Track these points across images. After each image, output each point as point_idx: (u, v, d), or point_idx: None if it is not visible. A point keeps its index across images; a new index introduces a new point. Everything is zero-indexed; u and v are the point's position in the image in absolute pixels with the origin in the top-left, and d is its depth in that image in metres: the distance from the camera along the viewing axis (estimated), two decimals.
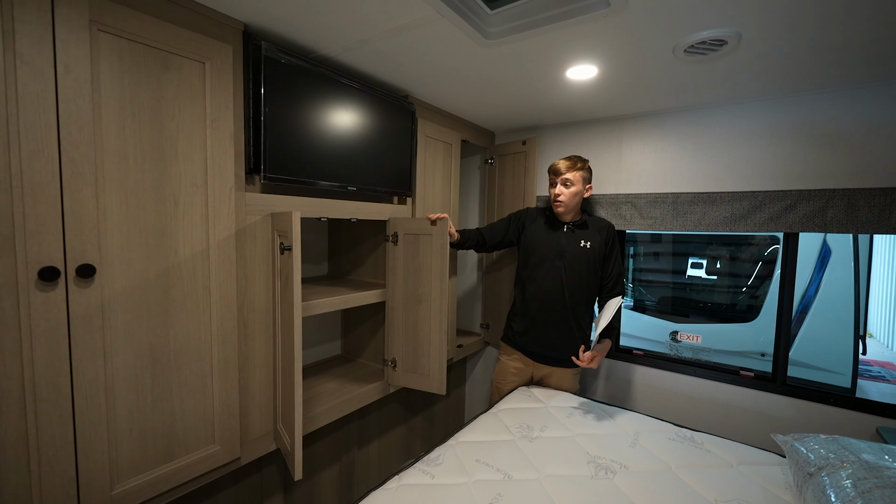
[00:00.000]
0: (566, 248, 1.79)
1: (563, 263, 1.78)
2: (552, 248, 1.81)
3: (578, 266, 1.78)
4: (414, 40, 1.29)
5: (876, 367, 4.64)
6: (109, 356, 0.97)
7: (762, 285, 3.59)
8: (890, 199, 1.46)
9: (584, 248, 1.79)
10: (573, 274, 1.78)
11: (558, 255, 1.79)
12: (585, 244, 1.79)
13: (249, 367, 1.28)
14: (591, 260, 1.78)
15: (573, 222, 1.83)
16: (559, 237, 1.81)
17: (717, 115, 1.81)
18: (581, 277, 1.78)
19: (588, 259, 1.78)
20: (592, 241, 1.79)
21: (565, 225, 1.83)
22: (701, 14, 1.09)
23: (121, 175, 0.96)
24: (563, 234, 1.81)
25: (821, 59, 1.33)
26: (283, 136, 1.28)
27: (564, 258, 1.78)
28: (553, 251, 1.80)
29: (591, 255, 1.78)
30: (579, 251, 1.79)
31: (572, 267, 1.78)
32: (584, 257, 1.78)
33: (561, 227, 1.83)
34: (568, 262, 1.78)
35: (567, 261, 1.78)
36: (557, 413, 1.60)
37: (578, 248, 1.79)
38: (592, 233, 1.82)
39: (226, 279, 1.18)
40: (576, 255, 1.78)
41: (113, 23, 0.93)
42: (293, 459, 1.18)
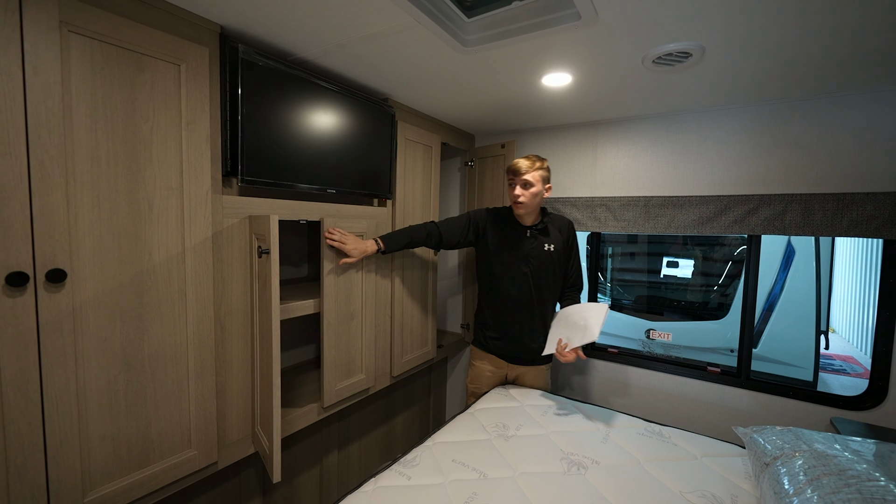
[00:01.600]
0: (531, 253, 1.78)
1: (529, 269, 1.78)
2: (517, 254, 1.78)
3: (544, 270, 1.79)
4: (392, 46, 1.30)
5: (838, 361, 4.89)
6: (81, 362, 0.95)
7: (732, 284, 3.74)
8: (842, 203, 1.56)
9: (548, 251, 1.79)
10: (540, 278, 1.79)
11: (524, 262, 1.78)
12: (549, 247, 1.80)
13: (227, 370, 1.28)
14: (555, 262, 1.81)
15: (535, 227, 1.80)
16: (523, 243, 1.78)
17: (685, 122, 1.89)
18: (548, 281, 1.81)
19: (553, 262, 1.80)
20: (556, 244, 1.81)
21: (528, 230, 1.80)
22: (667, 28, 1.14)
23: (93, 178, 0.95)
24: (526, 239, 1.79)
25: (777, 73, 1.41)
26: (261, 139, 1.28)
27: (531, 264, 1.78)
28: (518, 257, 1.78)
29: (556, 257, 1.81)
30: (544, 255, 1.79)
31: (539, 272, 1.79)
32: (548, 261, 1.79)
33: (523, 231, 1.80)
34: (534, 268, 1.78)
35: (533, 266, 1.78)
36: (533, 412, 1.64)
37: (543, 253, 1.79)
38: (554, 235, 1.82)
39: (202, 283, 1.17)
40: (541, 259, 1.79)
41: (84, 24, 0.92)
42: (272, 462, 1.19)
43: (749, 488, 1.20)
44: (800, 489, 0.99)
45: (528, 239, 1.79)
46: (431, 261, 2.16)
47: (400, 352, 1.97)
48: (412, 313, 2.05)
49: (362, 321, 1.73)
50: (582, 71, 1.45)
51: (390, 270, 1.88)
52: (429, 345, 2.19)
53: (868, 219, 1.52)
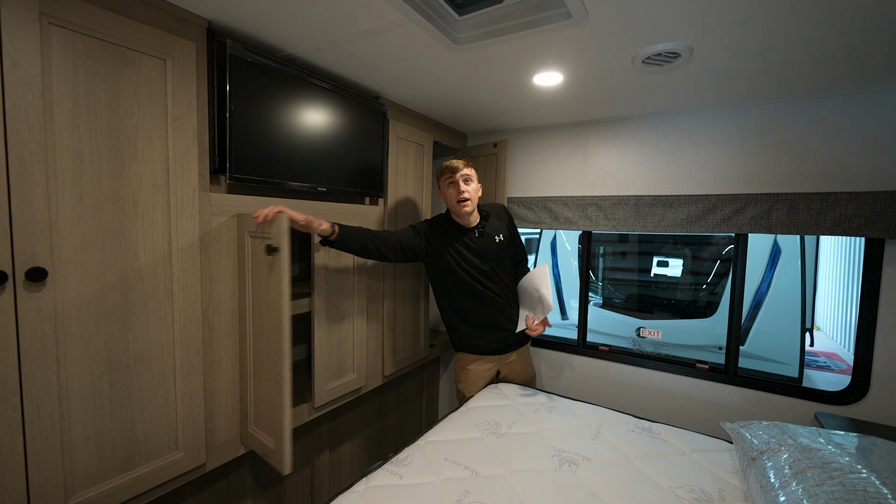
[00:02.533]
0: (486, 251, 1.77)
1: (490, 266, 1.78)
2: (475, 256, 1.75)
3: (501, 261, 1.82)
4: (383, 43, 1.30)
5: (822, 358, 4.99)
6: (63, 363, 0.93)
7: (720, 282, 3.80)
8: (825, 202, 1.59)
9: (499, 243, 1.82)
10: (499, 270, 1.82)
11: (483, 261, 1.77)
12: (499, 238, 1.82)
13: (215, 371, 1.26)
14: (506, 249, 1.86)
15: (480, 225, 1.79)
16: (476, 244, 1.76)
17: (674, 122, 1.91)
18: (505, 269, 1.85)
19: (506, 250, 1.85)
20: (502, 233, 1.85)
21: (475, 230, 1.77)
22: (656, 28, 1.15)
23: (75, 174, 0.93)
24: (476, 239, 1.77)
25: (763, 74, 1.43)
26: (249, 136, 1.26)
27: (489, 261, 1.78)
28: (477, 259, 1.76)
29: (506, 244, 1.85)
30: (497, 248, 1.81)
31: (498, 264, 1.81)
32: (502, 251, 1.83)
33: (472, 233, 1.76)
34: (494, 262, 1.80)
35: (492, 261, 1.79)
36: (525, 409, 1.65)
37: (496, 246, 1.81)
38: (497, 224, 1.85)
39: (189, 282, 1.15)
40: (496, 252, 1.80)
41: (65, 16, 0.89)
42: (282, 454, 1.16)
43: (736, 482, 1.21)
44: (785, 482, 1.00)
45: (479, 239, 1.78)
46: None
47: (392, 351, 1.96)
48: (404, 313, 2.04)
49: (354, 321, 1.72)
50: (573, 70, 1.46)
51: (382, 270, 1.87)
52: (421, 344, 2.18)
53: (850, 217, 1.55)
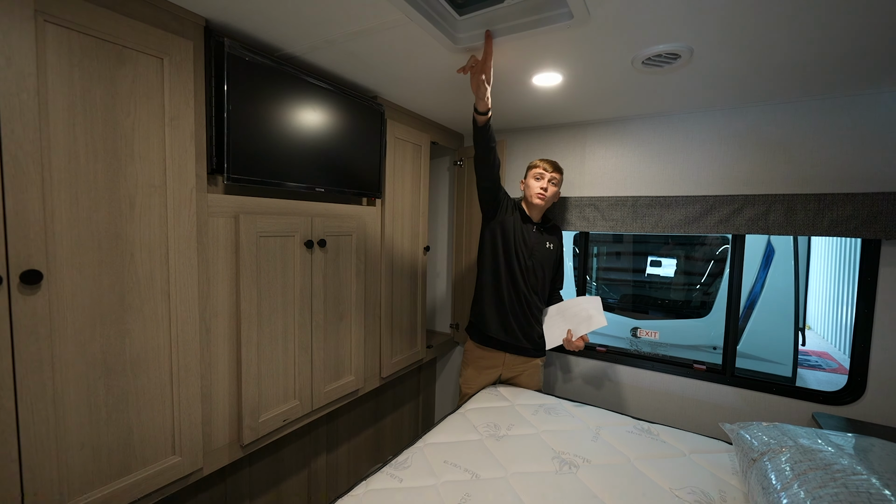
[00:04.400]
0: (535, 247, 1.86)
1: (532, 262, 1.85)
2: (524, 245, 1.84)
3: (543, 265, 1.89)
4: (383, 42, 1.29)
5: (814, 357, 5.05)
6: (59, 366, 0.91)
7: (714, 283, 3.82)
8: (822, 204, 1.60)
9: (548, 249, 1.91)
10: (539, 272, 1.87)
11: (529, 254, 1.85)
12: (549, 246, 1.91)
13: (212, 373, 1.24)
14: (551, 261, 1.93)
15: (541, 223, 1.92)
16: (531, 236, 1.86)
17: (672, 123, 1.91)
18: (544, 276, 1.90)
19: (550, 260, 1.92)
20: (554, 244, 1.94)
21: (535, 225, 1.89)
22: (657, 29, 1.15)
23: (70, 175, 0.91)
24: (533, 233, 1.87)
25: (763, 76, 1.44)
26: (247, 136, 1.24)
27: (534, 257, 1.86)
28: (525, 248, 1.84)
29: (553, 256, 1.93)
30: (545, 252, 1.89)
31: (539, 266, 1.87)
32: (548, 258, 1.90)
33: (532, 226, 1.88)
34: (537, 262, 1.86)
35: (536, 260, 1.86)
36: (524, 411, 1.64)
37: (545, 249, 1.89)
38: (554, 236, 1.96)
39: (186, 283, 1.13)
40: (543, 254, 1.88)
41: (61, 13, 0.88)
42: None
43: (737, 484, 1.22)
44: (787, 484, 1.01)
45: (535, 234, 1.88)
46: (421, 260, 2.14)
47: (389, 352, 1.95)
48: (401, 313, 2.03)
49: (351, 322, 1.71)
50: (572, 71, 1.46)
51: (380, 270, 1.86)
52: (418, 345, 2.18)
53: (847, 219, 1.56)
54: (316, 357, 1.54)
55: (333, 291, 1.61)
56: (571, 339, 1.80)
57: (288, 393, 1.46)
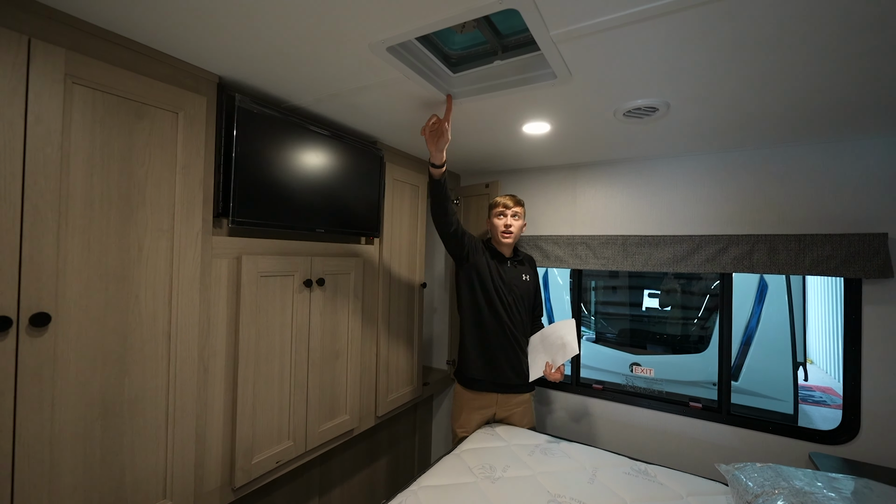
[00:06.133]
0: (513, 282, 1.90)
1: (512, 298, 1.88)
2: (501, 282, 1.87)
3: (523, 299, 1.92)
4: (382, 96, 1.39)
5: (818, 393, 4.97)
6: (58, 408, 0.93)
7: (711, 317, 3.84)
8: (802, 244, 1.66)
9: (525, 281, 1.95)
10: (520, 306, 1.90)
11: (507, 290, 1.87)
12: (526, 278, 1.96)
13: (208, 414, 1.25)
14: (530, 292, 1.97)
15: (513, 258, 1.96)
16: (505, 272, 1.90)
17: (656, 167, 2.01)
18: (525, 309, 1.93)
19: (528, 291, 1.96)
20: (530, 276, 1.99)
21: (508, 260, 1.93)
22: (634, 87, 1.26)
23: (85, 222, 0.97)
24: (508, 269, 1.91)
25: (737, 125, 1.54)
26: (253, 181, 1.31)
27: (513, 293, 1.89)
28: (502, 286, 1.86)
29: (531, 287, 1.98)
30: (522, 285, 1.93)
31: (519, 300, 1.90)
32: (526, 290, 1.94)
33: (505, 262, 1.92)
34: (516, 297, 1.89)
35: (515, 295, 1.89)
36: (520, 452, 1.63)
37: (522, 282, 1.93)
38: (527, 267, 2.01)
39: (187, 324, 1.16)
40: (521, 288, 1.92)
41: (88, 76, 0.96)
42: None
43: None
44: None
45: (509, 269, 1.92)
46: (418, 296, 2.18)
47: (385, 390, 1.94)
48: (398, 350, 2.04)
49: (348, 359, 1.72)
50: (559, 121, 1.56)
51: (377, 307, 1.89)
52: (414, 382, 2.17)
53: (827, 258, 1.62)
54: (311, 396, 1.55)
55: (330, 329, 1.63)
56: (551, 371, 1.79)
57: (282, 433, 1.45)
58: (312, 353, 1.55)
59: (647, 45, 1.01)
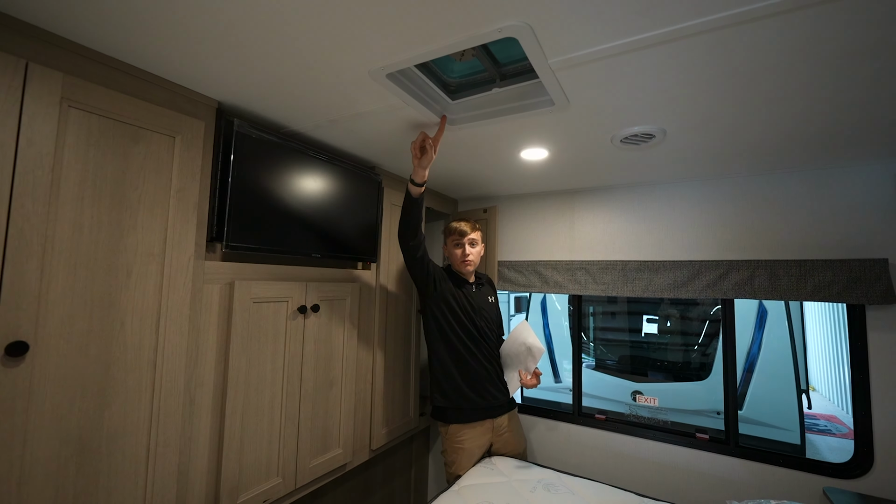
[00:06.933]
0: (481, 305, 1.90)
1: (483, 321, 1.87)
2: (471, 307, 1.85)
3: (490, 320, 1.92)
4: (382, 122, 1.39)
5: (822, 421, 4.85)
6: (30, 445, 0.87)
7: (711, 343, 3.78)
8: (803, 269, 1.65)
9: (491, 303, 1.98)
10: (489, 328, 1.90)
11: (478, 314, 1.86)
12: (491, 299, 1.99)
13: (192, 448, 1.18)
14: (496, 312, 2.00)
15: (476, 282, 1.96)
16: (472, 297, 1.88)
17: (654, 192, 2.02)
18: (493, 329, 1.93)
19: (495, 312, 1.99)
20: (494, 297, 2.02)
21: (473, 285, 1.92)
22: (631, 114, 1.27)
23: (72, 246, 0.93)
24: (473, 293, 1.90)
25: (733, 152, 1.56)
26: (248, 205, 1.30)
27: (483, 316, 1.88)
28: (473, 310, 1.85)
29: (496, 307, 2.01)
30: (489, 307, 1.95)
31: (488, 323, 1.90)
32: (493, 311, 1.97)
33: (469, 286, 1.91)
34: (486, 319, 1.89)
35: (485, 318, 1.89)
36: (521, 488, 1.55)
37: (488, 304, 1.95)
38: (490, 288, 2.04)
39: (174, 352, 1.11)
40: (489, 311, 1.93)
41: (85, 100, 0.95)
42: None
43: None
44: None
45: (475, 292, 1.91)
46: (414, 323, 2.13)
47: (380, 422, 1.87)
48: (394, 379, 1.98)
49: (342, 389, 1.65)
50: (557, 147, 1.57)
51: (373, 334, 1.84)
52: (410, 413, 2.09)
53: (829, 284, 1.60)
54: (303, 428, 1.48)
55: (325, 357, 1.58)
56: (527, 377, 1.78)
57: (270, 469, 1.37)
58: (305, 383, 1.49)
59: (643, 73, 1.02)
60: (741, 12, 0.80)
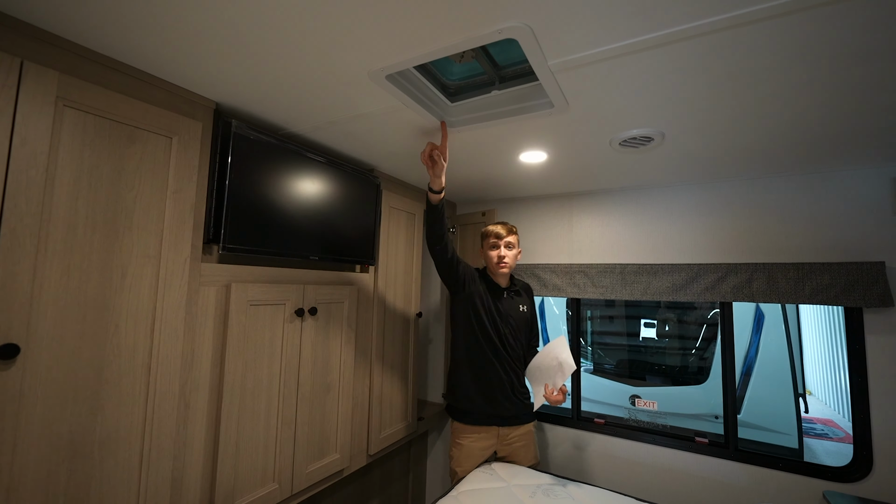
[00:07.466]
0: (510, 313, 1.84)
1: (508, 329, 1.82)
2: (498, 313, 1.82)
3: (519, 330, 1.86)
4: (381, 124, 1.39)
5: (819, 425, 4.85)
6: (20, 450, 0.85)
7: (709, 347, 3.79)
8: (801, 272, 1.65)
9: (522, 312, 1.89)
10: (516, 337, 1.84)
11: (504, 321, 1.82)
12: (522, 308, 1.90)
13: (186, 454, 1.16)
14: (527, 322, 1.91)
15: (510, 288, 1.90)
16: (502, 303, 1.84)
17: (652, 195, 2.03)
18: (521, 340, 1.87)
19: (525, 322, 1.90)
20: (527, 305, 1.93)
21: (505, 290, 1.87)
22: (630, 117, 1.27)
23: (66, 247, 0.92)
24: (504, 300, 1.85)
25: (731, 155, 1.56)
26: (245, 207, 1.28)
27: (510, 324, 1.83)
28: (499, 316, 1.81)
29: (527, 317, 1.92)
30: (519, 315, 1.87)
31: (515, 331, 1.84)
32: (522, 321, 1.88)
33: (501, 292, 1.86)
34: (512, 328, 1.83)
35: (512, 326, 1.83)
36: (521, 493, 1.53)
37: (518, 313, 1.87)
38: (524, 297, 1.95)
39: (169, 355, 1.10)
40: (518, 318, 1.86)
41: (81, 99, 0.94)
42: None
43: None
44: None
45: (506, 299, 1.86)
46: (413, 326, 2.12)
47: (378, 426, 1.85)
48: (392, 383, 1.96)
49: (339, 393, 1.64)
50: (556, 150, 1.57)
51: (371, 337, 1.83)
52: (409, 417, 2.07)
53: (827, 287, 1.61)
54: (299, 433, 1.45)
55: (322, 361, 1.56)
56: (552, 393, 1.69)
57: (266, 475, 1.35)
58: (302, 387, 1.47)
59: (643, 75, 1.02)
60: (738, 15, 0.80)
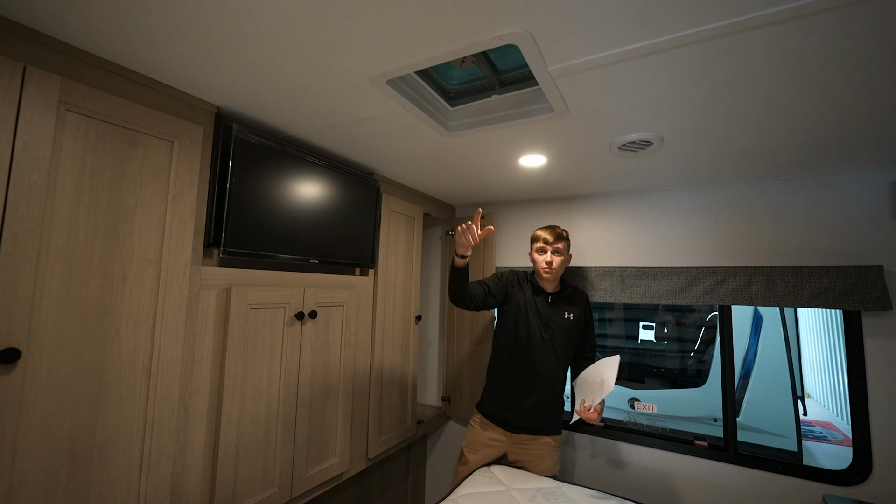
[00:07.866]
0: (552, 319, 1.80)
1: (549, 335, 1.78)
2: (539, 319, 1.79)
3: (562, 338, 1.80)
4: (381, 128, 1.39)
5: (818, 428, 4.85)
6: (20, 454, 0.84)
7: (707, 350, 3.79)
8: (800, 276, 1.66)
9: (567, 319, 1.82)
10: (558, 346, 1.79)
11: (545, 327, 1.78)
12: (569, 316, 1.82)
13: (186, 458, 1.15)
14: (572, 330, 1.82)
15: (556, 293, 1.85)
16: (545, 308, 1.81)
17: (651, 199, 2.03)
18: (564, 349, 1.80)
19: (570, 330, 1.82)
20: (574, 313, 1.84)
21: (550, 296, 1.83)
22: (629, 121, 1.28)
23: (67, 251, 0.92)
24: (548, 305, 1.82)
25: (729, 159, 1.57)
26: (246, 211, 1.29)
27: (551, 330, 1.79)
28: (540, 323, 1.78)
29: (573, 325, 1.82)
30: (563, 322, 1.81)
31: (557, 339, 1.79)
32: (567, 328, 1.81)
33: (546, 297, 1.83)
34: (554, 334, 1.79)
35: (553, 332, 1.79)
36: (520, 497, 1.53)
37: (563, 320, 1.81)
38: (574, 304, 1.86)
39: (170, 359, 1.10)
40: (560, 326, 1.80)
41: (83, 104, 0.95)
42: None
43: None
44: None
45: (550, 305, 1.82)
46: (412, 330, 2.12)
47: (377, 430, 1.85)
48: (391, 386, 1.96)
49: (339, 396, 1.64)
50: (555, 154, 1.58)
51: (371, 341, 1.83)
52: (408, 421, 2.07)
53: (825, 290, 1.61)
54: (299, 437, 1.45)
55: (322, 364, 1.56)
56: (587, 410, 1.58)
57: (266, 479, 1.35)
58: (302, 391, 1.47)
59: (642, 80, 1.03)
60: (735, 22, 0.81)
